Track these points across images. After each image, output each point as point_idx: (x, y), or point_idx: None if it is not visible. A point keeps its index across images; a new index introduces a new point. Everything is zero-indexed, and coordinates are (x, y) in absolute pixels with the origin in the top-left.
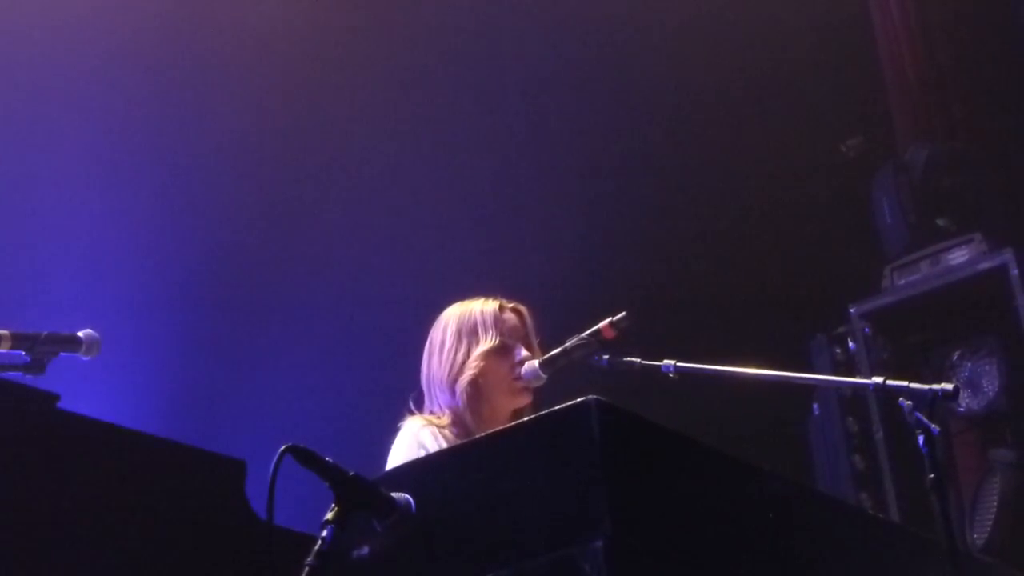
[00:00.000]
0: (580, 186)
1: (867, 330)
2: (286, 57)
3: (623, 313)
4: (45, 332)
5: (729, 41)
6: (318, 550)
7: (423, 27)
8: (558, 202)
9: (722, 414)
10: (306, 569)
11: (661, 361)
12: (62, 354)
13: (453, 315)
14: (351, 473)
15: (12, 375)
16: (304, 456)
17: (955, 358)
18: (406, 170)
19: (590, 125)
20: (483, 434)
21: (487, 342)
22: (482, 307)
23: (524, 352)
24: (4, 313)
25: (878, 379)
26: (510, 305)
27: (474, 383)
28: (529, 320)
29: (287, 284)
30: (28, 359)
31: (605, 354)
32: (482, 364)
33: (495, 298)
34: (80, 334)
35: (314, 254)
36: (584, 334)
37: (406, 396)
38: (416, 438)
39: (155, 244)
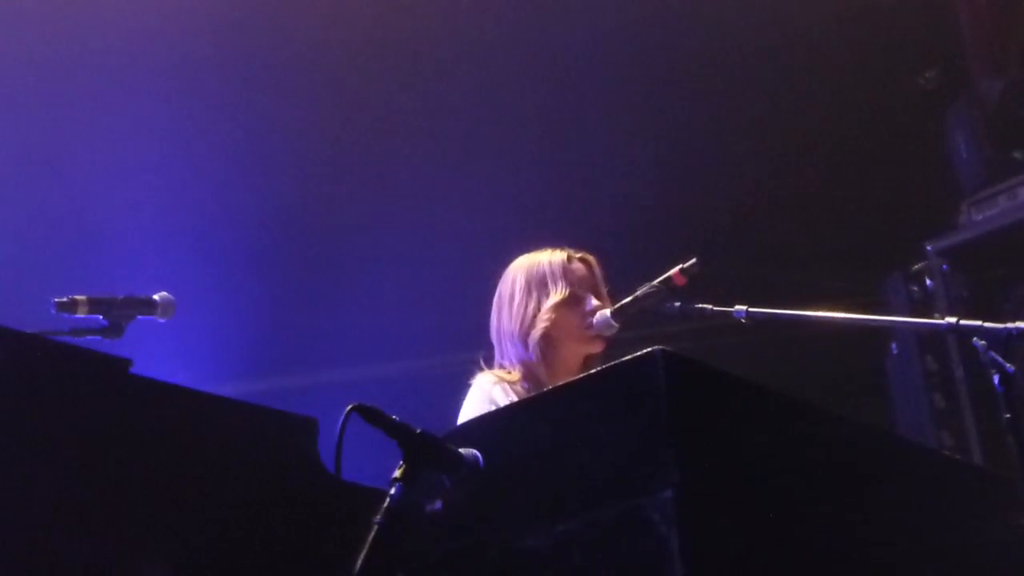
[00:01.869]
0: (648, 129)
1: (944, 267)
2: (352, 27)
3: (693, 259)
4: (121, 296)
5: None
6: (387, 507)
7: None
8: (627, 147)
9: (800, 356)
10: (375, 527)
11: (733, 307)
12: (139, 317)
13: (521, 268)
14: (418, 430)
15: (91, 339)
16: (371, 414)
17: None
18: (472, 121)
19: (657, 66)
20: (549, 388)
21: (557, 294)
22: (550, 258)
23: (595, 302)
24: (82, 278)
25: (951, 319)
26: (578, 255)
27: (546, 335)
28: (598, 269)
29: (357, 239)
30: (106, 323)
31: (676, 301)
32: (553, 316)
33: (563, 248)
34: (155, 297)
35: (382, 206)
36: (654, 281)
37: (478, 349)
38: (487, 394)
39: (224, 205)
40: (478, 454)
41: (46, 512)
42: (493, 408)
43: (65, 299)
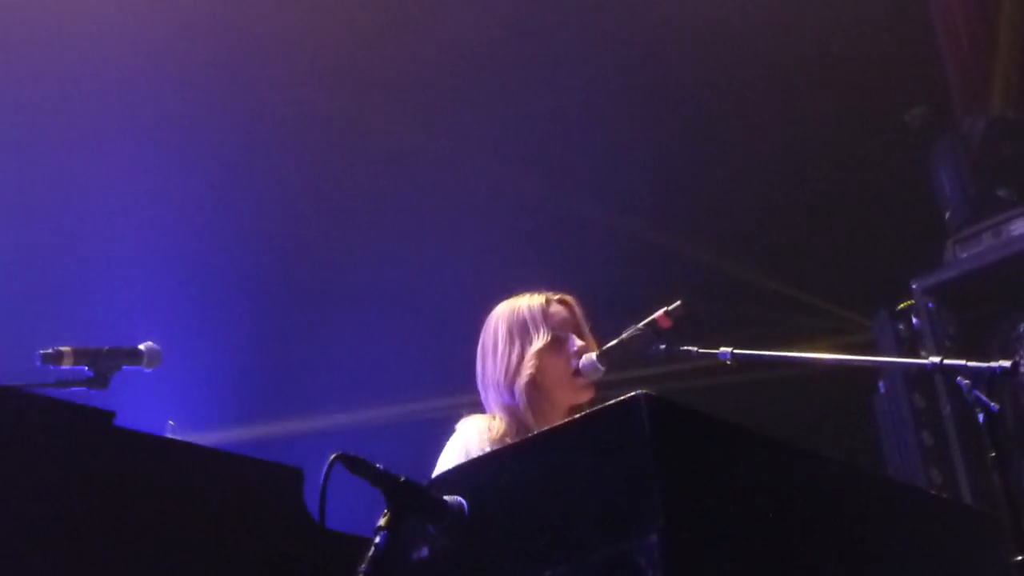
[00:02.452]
0: (635, 171)
1: (931, 305)
2: (341, 47)
3: (678, 302)
4: (107, 347)
5: (791, 12)
6: (372, 556)
7: None
8: (613, 189)
9: (787, 396)
10: None
11: (718, 348)
12: (124, 367)
13: (502, 315)
14: (402, 479)
15: (76, 391)
16: (353, 464)
17: (1022, 330)
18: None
19: (644, 105)
20: (532, 434)
21: (540, 339)
22: (528, 303)
23: (578, 342)
24: (67, 330)
25: (935, 359)
26: (556, 297)
27: (532, 382)
28: (578, 309)
29: (342, 284)
30: (92, 374)
31: (662, 343)
32: (538, 362)
33: (541, 292)
34: (141, 347)
35: (367, 250)
36: (640, 324)
37: (465, 394)
38: (468, 443)
39: (209, 253)
40: (463, 501)
41: (29, 564)
42: (466, 458)
43: (50, 351)
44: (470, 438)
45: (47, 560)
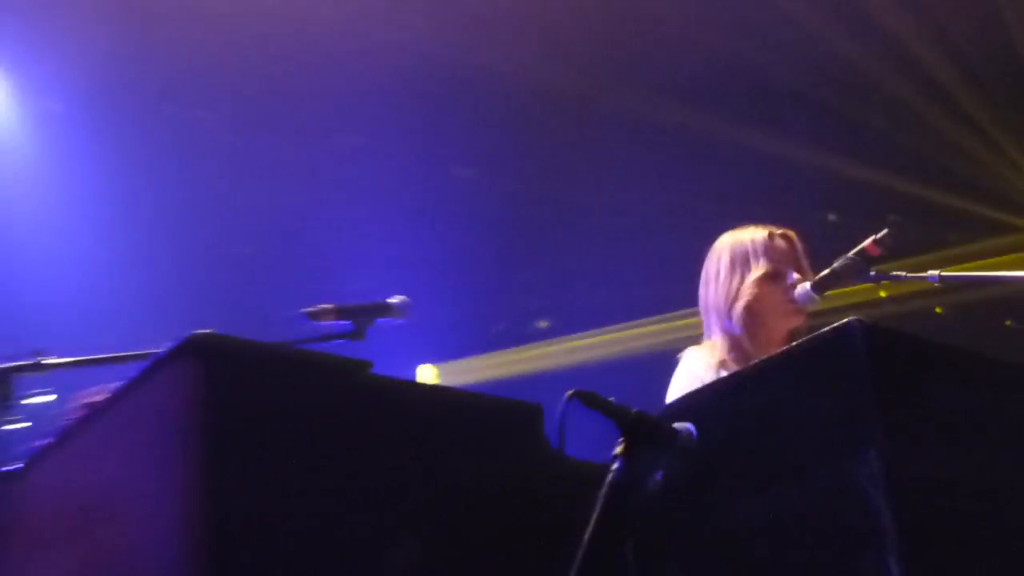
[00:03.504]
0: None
1: None
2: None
3: (885, 230)
4: (362, 303)
5: None
6: (609, 482)
7: None
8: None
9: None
10: (601, 501)
11: (927, 272)
12: (378, 320)
13: (725, 245)
14: (634, 411)
15: (338, 343)
16: (589, 399)
17: None
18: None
19: None
20: (753, 363)
21: (759, 269)
22: (752, 236)
23: (795, 275)
24: (331, 288)
25: None
26: (779, 232)
27: (749, 308)
28: (798, 245)
29: (576, 224)
30: (351, 327)
31: (872, 270)
32: (756, 290)
33: (764, 226)
34: (393, 300)
35: (601, 189)
36: (850, 253)
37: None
38: (692, 372)
39: (450, 207)
40: (692, 428)
41: (309, 503)
42: (698, 383)
43: (314, 308)
44: (694, 368)
45: (323, 498)
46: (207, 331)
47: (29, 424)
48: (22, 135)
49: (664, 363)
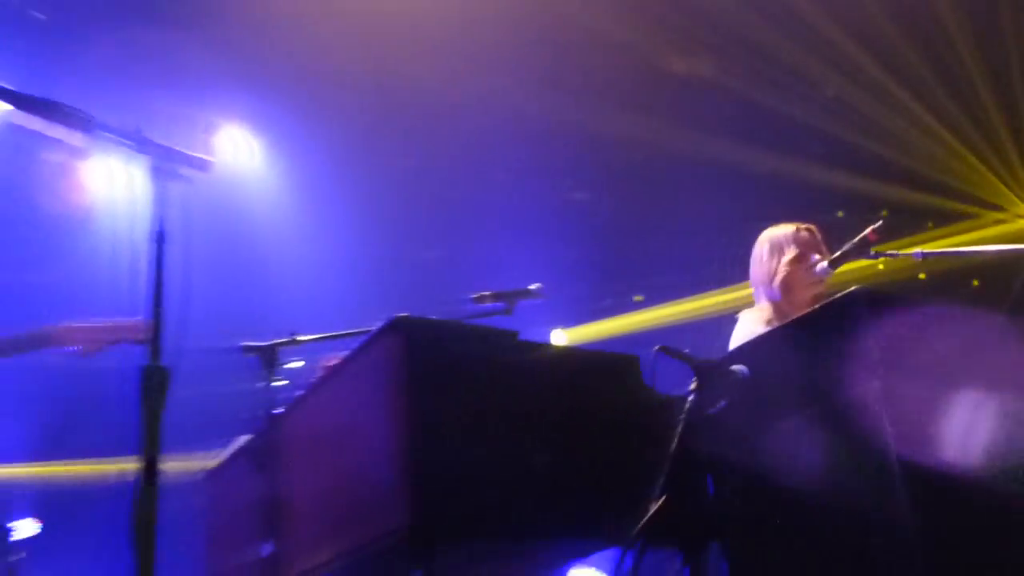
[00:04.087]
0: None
1: None
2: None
3: (880, 222)
4: (510, 289)
5: None
6: (688, 408)
7: None
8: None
9: None
10: (681, 422)
11: (912, 250)
12: (520, 301)
13: (765, 237)
14: (703, 358)
15: (495, 318)
16: (671, 352)
17: None
18: None
19: None
20: (787, 321)
21: (790, 252)
22: (784, 230)
23: (816, 256)
24: (488, 279)
25: None
26: (804, 226)
27: (784, 282)
28: (818, 235)
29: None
30: (504, 306)
31: (872, 251)
32: (788, 269)
33: (794, 224)
34: (531, 287)
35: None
36: (855, 240)
37: None
38: (746, 327)
39: (571, 218)
40: (746, 370)
41: (478, 427)
42: (751, 337)
43: (477, 294)
44: (747, 325)
45: (492, 420)
46: (405, 314)
47: (287, 382)
48: (272, 177)
49: (724, 323)
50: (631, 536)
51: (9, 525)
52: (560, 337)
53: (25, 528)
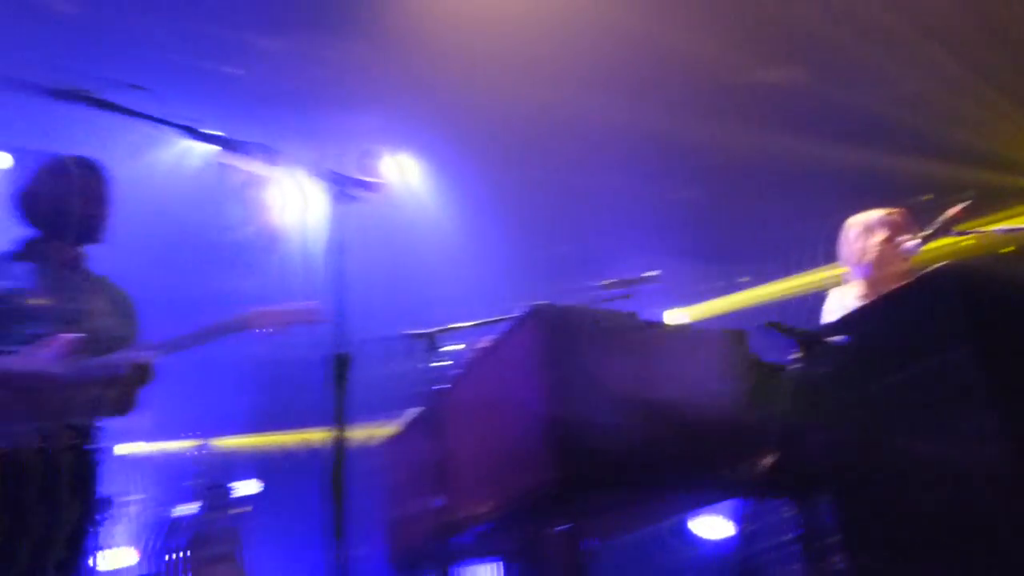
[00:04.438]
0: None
1: None
2: None
3: (968, 201)
4: (630, 277)
5: None
6: (792, 376)
7: None
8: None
9: None
10: (787, 388)
11: (995, 226)
12: (641, 287)
13: (858, 220)
14: (807, 330)
15: (617, 302)
16: (777, 326)
17: None
18: None
19: None
20: (879, 296)
21: (880, 233)
22: (874, 213)
23: (905, 236)
24: (611, 268)
25: None
26: (892, 210)
27: (874, 259)
28: (906, 217)
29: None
30: (624, 292)
31: (957, 229)
32: (878, 247)
33: (884, 208)
34: (648, 274)
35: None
36: (941, 218)
37: None
38: (840, 302)
39: (682, 215)
40: (844, 337)
41: (606, 395)
42: (844, 311)
43: (602, 282)
44: (841, 299)
45: (621, 388)
46: (543, 302)
47: (447, 363)
48: (429, 192)
49: (818, 299)
50: (747, 488)
51: (230, 485)
52: (675, 316)
53: (246, 488)
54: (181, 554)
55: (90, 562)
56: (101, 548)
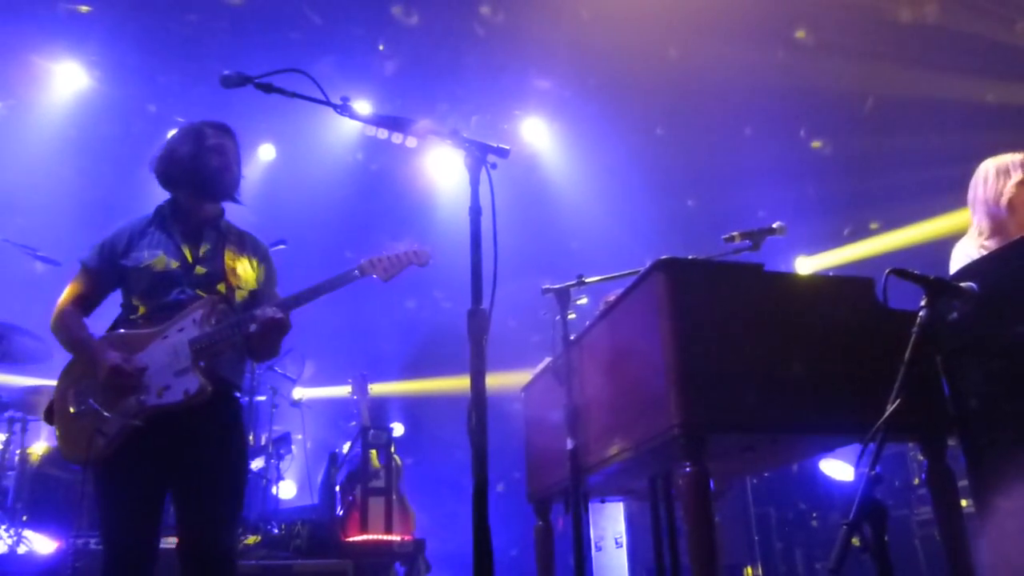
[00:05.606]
0: None
1: None
2: None
3: None
4: (757, 228)
5: None
6: (920, 322)
7: None
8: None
9: None
10: (915, 333)
11: None
12: (767, 237)
13: (991, 164)
14: (932, 276)
15: (741, 254)
16: (901, 273)
17: None
18: None
19: None
20: (1009, 242)
21: (1015, 177)
22: (1011, 157)
23: None
24: (738, 222)
25: None
26: None
27: (1009, 203)
28: None
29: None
30: (750, 244)
31: None
32: (1013, 189)
33: (1017, 152)
34: (775, 225)
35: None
36: None
37: None
38: (964, 251)
39: (817, 167)
40: (974, 285)
41: (732, 342)
42: (968, 260)
43: (728, 235)
44: (965, 249)
45: (745, 335)
46: (669, 256)
47: (575, 316)
48: (563, 153)
49: (948, 245)
50: (872, 432)
51: (391, 425)
52: (804, 264)
53: (399, 428)
54: (345, 487)
55: (272, 491)
56: (276, 480)
